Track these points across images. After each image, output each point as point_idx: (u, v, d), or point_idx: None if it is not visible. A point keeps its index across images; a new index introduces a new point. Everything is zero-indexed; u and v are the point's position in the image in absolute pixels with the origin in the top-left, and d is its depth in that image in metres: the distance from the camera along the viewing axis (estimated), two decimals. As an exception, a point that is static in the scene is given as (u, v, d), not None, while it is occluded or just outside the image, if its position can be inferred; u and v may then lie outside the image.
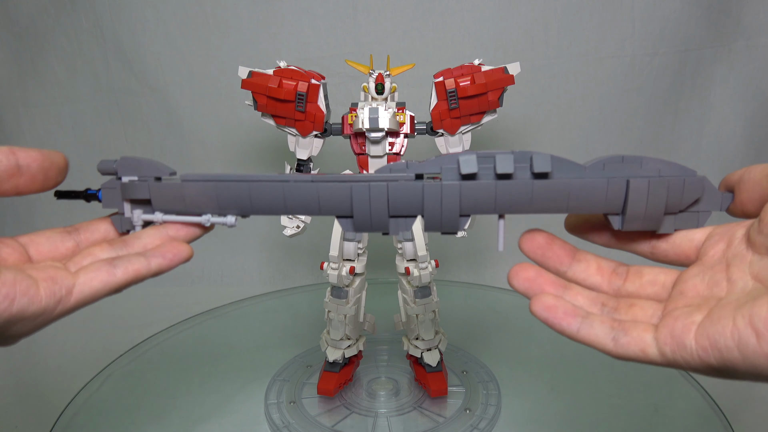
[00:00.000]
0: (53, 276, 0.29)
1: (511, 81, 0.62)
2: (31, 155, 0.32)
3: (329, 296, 0.70)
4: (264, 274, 1.19)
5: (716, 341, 0.25)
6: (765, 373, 0.24)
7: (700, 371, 0.27)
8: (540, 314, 0.33)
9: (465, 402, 0.72)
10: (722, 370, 0.26)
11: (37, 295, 0.28)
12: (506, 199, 0.35)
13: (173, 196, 0.36)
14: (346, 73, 0.95)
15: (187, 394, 0.76)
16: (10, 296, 0.27)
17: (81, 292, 0.30)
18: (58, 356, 0.88)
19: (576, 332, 0.31)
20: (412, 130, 0.65)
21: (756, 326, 0.24)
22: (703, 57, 1.07)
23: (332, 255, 0.67)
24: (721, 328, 0.25)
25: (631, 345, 0.29)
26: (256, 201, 0.35)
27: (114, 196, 0.37)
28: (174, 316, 0.97)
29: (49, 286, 0.29)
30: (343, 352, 0.72)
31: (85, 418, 0.71)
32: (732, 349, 0.24)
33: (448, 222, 0.35)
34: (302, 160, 0.67)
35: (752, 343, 0.24)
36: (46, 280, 0.29)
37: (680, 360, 0.27)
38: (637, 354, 0.29)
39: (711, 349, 0.25)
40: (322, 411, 0.71)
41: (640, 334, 0.29)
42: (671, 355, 0.27)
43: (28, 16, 1.10)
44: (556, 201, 0.34)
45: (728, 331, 0.25)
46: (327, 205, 0.35)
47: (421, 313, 0.69)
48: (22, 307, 0.27)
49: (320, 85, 0.62)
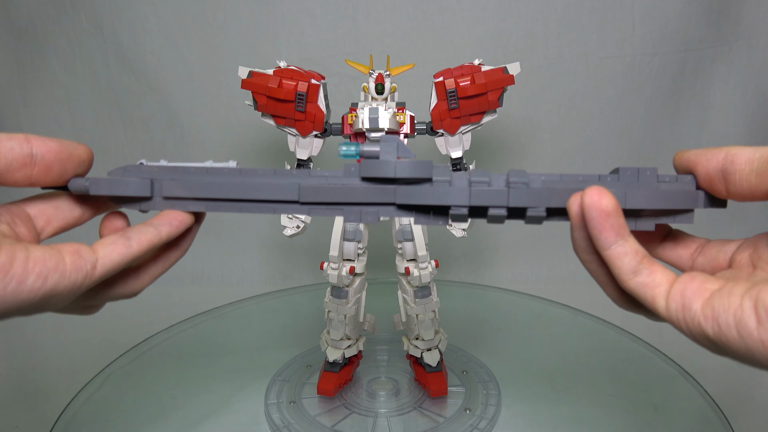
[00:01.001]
0: (78, 250, 0.29)
1: (511, 81, 0.62)
2: (48, 145, 0.31)
3: (329, 296, 0.70)
4: (264, 274, 1.19)
5: (719, 314, 0.25)
6: (757, 358, 0.24)
7: (696, 338, 0.27)
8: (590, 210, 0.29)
9: (465, 402, 0.72)
10: (717, 343, 0.25)
11: (66, 270, 0.28)
12: None
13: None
14: (346, 73, 0.95)
15: (187, 394, 0.76)
16: (43, 273, 0.27)
17: (104, 265, 0.30)
18: (58, 356, 0.88)
19: (607, 247, 0.29)
20: (412, 130, 0.65)
21: (759, 311, 0.24)
22: (703, 57, 1.07)
23: (332, 255, 0.67)
24: (727, 303, 0.25)
25: (647, 287, 0.28)
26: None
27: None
28: (174, 316, 0.97)
29: (75, 261, 0.29)
30: (343, 352, 0.72)
31: (85, 418, 0.71)
32: (731, 326, 0.24)
33: None
34: (302, 160, 0.67)
35: (751, 326, 0.24)
36: (72, 254, 0.29)
37: (681, 321, 0.27)
38: (646, 298, 0.28)
39: (712, 320, 0.25)
40: (322, 411, 0.71)
41: (660, 280, 0.28)
42: (674, 313, 0.27)
43: (28, 16, 1.10)
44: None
45: (732, 309, 0.25)
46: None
47: (421, 313, 0.69)
48: (55, 283, 0.28)
49: (320, 85, 0.62)
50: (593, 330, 0.92)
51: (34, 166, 0.31)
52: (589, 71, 1.07)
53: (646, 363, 0.81)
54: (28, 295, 0.27)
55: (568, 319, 0.96)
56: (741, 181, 0.28)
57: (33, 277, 0.27)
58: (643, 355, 0.83)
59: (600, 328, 0.91)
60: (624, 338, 0.87)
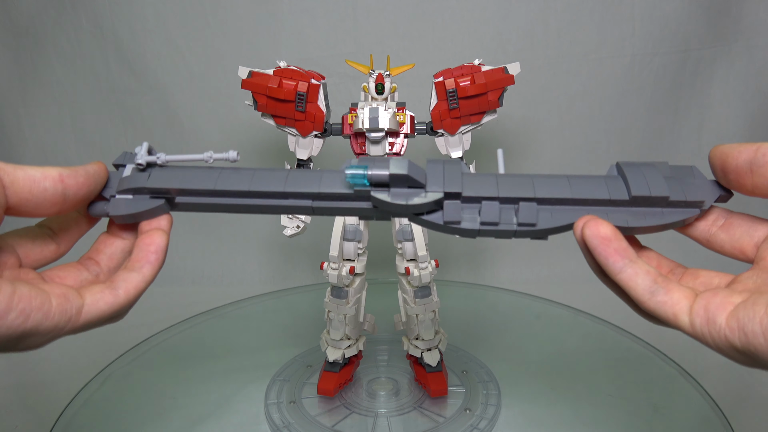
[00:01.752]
0: (65, 293, 0.29)
1: (511, 81, 0.62)
2: (80, 182, 0.31)
3: (329, 296, 0.70)
4: (264, 274, 1.19)
5: (744, 324, 0.25)
6: None
7: (724, 351, 0.27)
8: (591, 240, 0.30)
9: (465, 402, 0.72)
10: (745, 353, 0.26)
11: (50, 311, 0.28)
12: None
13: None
14: (346, 73, 0.95)
15: (187, 394, 0.76)
16: (26, 311, 0.27)
17: (89, 313, 0.30)
18: (58, 356, 0.88)
19: (618, 271, 0.30)
20: (412, 130, 0.65)
21: None
22: (703, 57, 1.07)
23: (332, 255, 0.67)
24: (752, 313, 0.25)
25: (666, 306, 0.28)
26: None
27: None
28: (174, 316, 0.97)
29: (61, 304, 0.29)
30: (343, 352, 0.72)
31: (85, 418, 0.71)
32: (758, 335, 0.24)
33: None
34: (302, 160, 0.67)
35: None
36: (59, 297, 0.29)
37: (707, 335, 0.27)
38: (668, 316, 0.28)
39: (738, 331, 0.25)
40: (322, 411, 0.71)
41: (679, 297, 0.28)
42: (699, 328, 0.27)
43: (28, 16, 1.10)
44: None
45: (758, 317, 0.25)
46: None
47: (421, 313, 0.69)
48: (36, 323, 0.27)
49: (320, 85, 0.62)
50: (593, 330, 0.92)
51: (65, 203, 0.31)
52: (589, 71, 1.07)
53: (646, 363, 0.81)
54: (7, 331, 0.26)
55: (568, 319, 0.96)
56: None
57: (15, 313, 0.26)
58: (643, 355, 0.83)
59: (600, 328, 0.91)
60: (624, 338, 0.87)
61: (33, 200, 0.30)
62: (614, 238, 0.30)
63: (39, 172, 0.30)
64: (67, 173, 0.31)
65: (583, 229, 0.31)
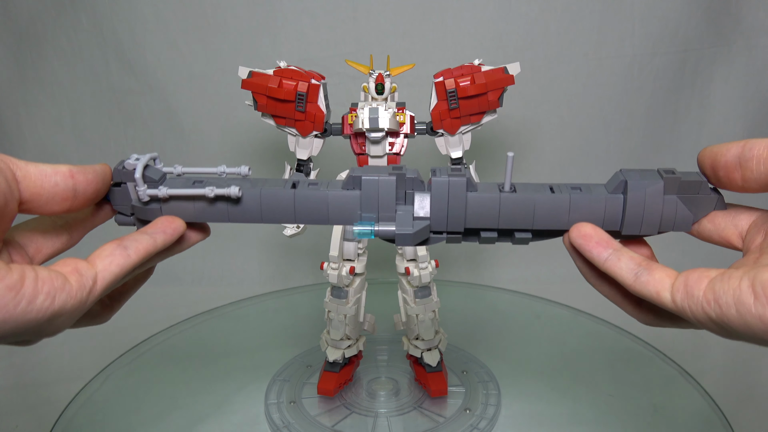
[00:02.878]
0: (77, 269, 0.30)
1: (511, 81, 0.62)
2: (88, 178, 0.32)
3: (329, 296, 0.70)
4: (264, 274, 1.19)
5: (719, 296, 0.27)
6: (756, 333, 0.25)
7: (702, 322, 0.28)
8: (575, 240, 0.34)
9: (465, 402, 0.72)
10: (720, 324, 0.27)
11: (72, 289, 0.28)
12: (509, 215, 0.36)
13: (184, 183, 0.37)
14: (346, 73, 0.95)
15: (187, 394, 0.76)
16: (51, 293, 0.27)
17: (104, 279, 0.30)
18: (58, 356, 0.88)
19: (603, 261, 0.33)
20: (412, 130, 0.65)
21: (756, 289, 0.25)
22: (703, 57, 1.07)
23: (332, 255, 0.67)
24: (726, 285, 0.26)
25: (650, 284, 0.30)
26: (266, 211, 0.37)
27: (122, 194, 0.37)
28: (174, 316, 0.97)
29: (77, 279, 0.29)
30: (343, 352, 0.72)
31: (85, 418, 0.71)
32: (731, 305, 0.26)
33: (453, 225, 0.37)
34: (302, 160, 0.67)
35: (748, 303, 0.25)
36: (73, 273, 0.29)
37: (686, 308, 0.28)
38: (651, 294, 0.30)
39: (714, 302, 0.27)
40: (322, 411, 0.71)
41: (661, 276, 0.30)
42: (680, 302, 0.29)
43: (28, 16, 1.10)
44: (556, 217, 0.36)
45: (731, 289, 0.26)
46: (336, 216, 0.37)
47: (421, 313, 0.69)
48: (62, 302, 0.28)
49: (320, 85, 0.62)
50: (593, 330, 0.92)
51: (75, 199, 0.32)
52: (589, 71, 1.07)
53: (646, 363, 0.81)
54: (37, 314, 0.27)
55: (568, 319, 0.96)
56: (759, 166, 0.29)
57: (42, 296, 0.27)
58: (643, 355, 0.83)
59: (600, 328, 0.91)
60: (624, 338, 0.87)
61: (44, 195, 0.30)
62: (595, 233, 0.34)
63: (50, 168, 0.31)
64: (77, 170, 0.32)
65: (569, 234, 0.35)
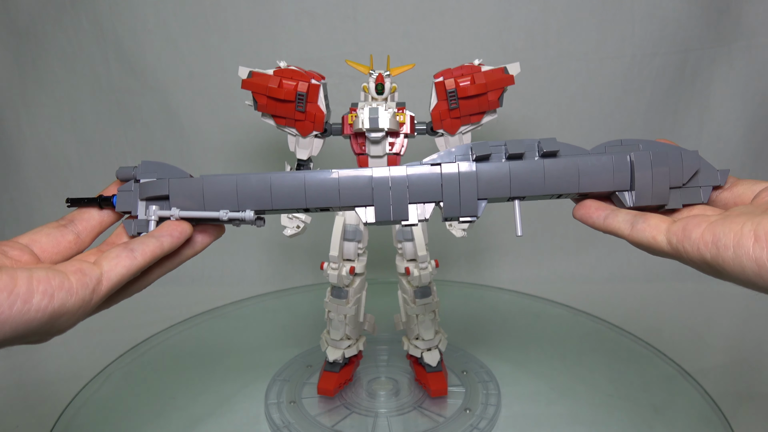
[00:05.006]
0: (80, 268, 0.30)
1: (511, 81, 0.62)
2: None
3: (329, 296, 0.70)
4: (264, 274, 1.19)
5: (719, 238, 0.28)
6: (749, 275, 0.26)
7: (696, 263, 0.30)
8: (578, 215, 0.37)
9: (465, 402, 0.72)
10: (713, 265, 0.28)
11: (72, 287, 0.29)
12: (520, 180, 0.36)
13: (192, 192, 0.36)
14: (346, 73, 0.95)
15: (187, 394, 0.76)
16: (48, 292, 0.27)
17: (109, 279, 0.31)
18: (58, 356, 0.88)
19: (602, 221, 0.35)
20: (412, 130, 0.64)
21: (757, 232, 0.26)
22: (703, 57, 1.07)
23: (332, 255, 0.67)
24: (728, 228, 0.27)
25: (646, 231, 0.32)
26: (276, 195, 0.36)
27: (129, 198, 0.37)
28: (174, 316, 0.97)
29: (80, 279, 0.29)
30: (343, 352, 0.72)
31: (85, 418, 0.71)
32: (729, 247, 0.27)
33: (467, 205, 0.36)
34: (302, 160, 0.67)
35: (747, 245, 0.26)
36: (75, 273, 0.29)
37: (681, 250, 0.30)
38: (648, 240, 0.32)
39: (711, 244, 0.28)
40: (322, 411, 0.71)
41: (656, 222, 0.32)
42: (676, 244, 0.30)
43: (28, 16, 1.10)
44: (567, 179, 0.36)
45: (732, 232, 0.27)
46: (347, 195, 0.36)
47: (421, 313, 0.69)
48: (62, 301, 0.28)
49: (320, 85, 0.62)
50: (593, 330, 0.92)
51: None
52: (589, 71, 1.07)
53: (646, 363, 0.81)
54: (35, 314, 0.27)
55: (568, 319, 0.96)
56: None
57: (39, 295, 0.27)
58: (643, 355, 0.83)
59: (600, 328, 0.91)
60: (624, 338, 0.88)
61: None
62: (592, 203, 0.37)
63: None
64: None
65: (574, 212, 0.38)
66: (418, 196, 0.36)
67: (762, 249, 0.26)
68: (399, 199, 0.36)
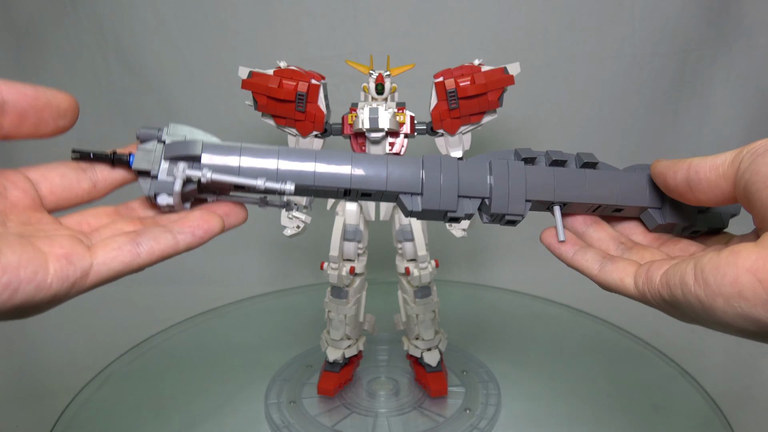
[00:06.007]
0: (69, 253, 0.25)
1: (511, 81, 0.62)
2: (20, 91, 0.27)
3: (329, 296, 0.70)
4: (264, 274, 1.19)
5: (669, 279, 0.29)
6: (699, 313, 0.27)
7: (660, 306, 0.30)
8: (545, 240, 0.37)
9: (465, 402, 0.72)
10: (671, 304, 0.29)
11: (45, 281, 0.24)
12: (564, 185, 0.36)
13: (227, 161, 0.32)
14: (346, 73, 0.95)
15: (187, 394, 0.76)
16: (12, 285, 0.23)
17: (98, 274, 0.26)
18: (58, 356, 0.88)
19: (570, 258, 0.36)
20: (412, 130, 0.65)
21: (696, 271, 0.27)
22: (703, 57, 1.07)
23: (332, 255, 0.67)
24: (676, 269, 0.28)
25: (613, 273, 0.33)
26: (320, 174, 0.33)
27: (149, 157, 0.32)
28: (174, 316, 0.97)
29: (61, 269, 0.25)
30: (343, 352, 0.72)
31: (85, 418, 0.71)
32: (677, 286, 0.28)
33: (514, 204, 0.36)
34: (302, 160, 0.66)
35: (690, 283, 0.27)
36: (60, 259, 0.25)
37: (646, 293, 0.30)
38: (616, 282, 0.32)
39: (666, 285, 0.29)
40: (322, 411, 0.71)
41: (624, 266, 0.33)
42: (641, 287, 0.31)
43: (28, 16, 1.10)
44: (606, 190, 0.37)
45: (679, 273, 0.28)
46: (395, 180, 0.34)
47: (421, 313, 0.69)
48: (27, 296, 0.24)
49: (320, 85, 0.62)
50: (593, 330, 0.92)
51: (4, 114, 0.27)
52: (589, 71, 1.07)
53: (646, 363, 0.81)
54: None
55: (568, 319, 0.96)
56: (709, 188, 0.31)
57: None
58: (643, 355, 0.83)
59: (600, 328, 0.91)
60: (624, 338, 0.88)
61: None
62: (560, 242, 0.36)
63: None
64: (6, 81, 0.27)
65: (541, 236, 0.37)
66: (467, 189, 0.35)
67: (700, 287, 0.26)
68: (449, 189, 0.34)
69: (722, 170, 0.30)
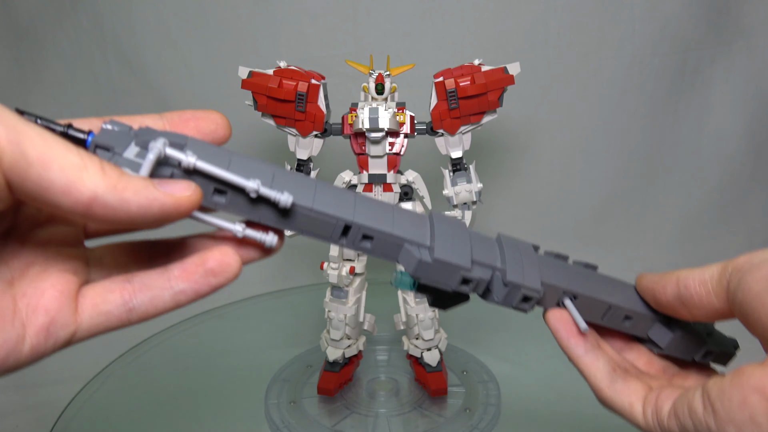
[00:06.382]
0: (50, 324, 0.23)
1: (511, 81, 0.62)
2: None
3: (329, 296, 0.70)
4: (264, 274, 1.19)
5: (678, 409, 0.27)
6: None
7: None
8: (552, 323, 0.33)
9: (465, 402, 0.72)
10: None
11: (20, 350, 0.23)
12: (573, 275, 0.35)
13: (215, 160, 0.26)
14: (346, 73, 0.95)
15: (187, 394, 0.76)
16: None
17: (81, 338, 0.25)
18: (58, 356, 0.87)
19: (580, 355, 0.32)
20: (412, 130, 0.65)
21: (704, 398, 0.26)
22: (703, 57, 1.07)
23: (332, 255, 0.67)
24: (685, 398, 0.27)
25: (623, 393, 0.30)
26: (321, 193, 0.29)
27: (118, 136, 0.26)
28: (174, 316, 0.97)
29: (39, 344, 0.23)
30: (343, 351, 0.72)
31: (85, 418, 0.70)
32: (686, 416, 0.27)
33: (529, 276, 0.33)
34: (302, 160, 0.67)
35: (699, 411, 0.26)
36: (39, 333, 0.23)
37: (656, 424, 0.29)
38: (623, 405, 0.30)
39: (674, 416, 0.28)
40: (322, 411, 0.71)
41: (636, 386, 0.30)
42: (650, 417, 0.29)
43: (28, 16, 1.10)
44: (614, 291, 0.35)
45: (687, 401, 0.27)
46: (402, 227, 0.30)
47: (421, 312, 0.69)
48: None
49: (320, 85, 0.62)
50: (593, 330, 0.92)
51: None
52: (589, 71, 1.07)
53: (646, 363, 0.81)
54: None
55: (568, 319, 0.96)
56: (702, 304, 0.29)
57: None
58: (643, 355, 0.83)
59: (600, 328, 0.91)
60: (624, 338, 0.87)
61: None
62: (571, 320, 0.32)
63: None
64: None
65: (545, 314, 0.33)
66: (479, 253, 0.32)
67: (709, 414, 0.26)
68: (461, 245, 0.32)
69: (711, 286, 0.29)
